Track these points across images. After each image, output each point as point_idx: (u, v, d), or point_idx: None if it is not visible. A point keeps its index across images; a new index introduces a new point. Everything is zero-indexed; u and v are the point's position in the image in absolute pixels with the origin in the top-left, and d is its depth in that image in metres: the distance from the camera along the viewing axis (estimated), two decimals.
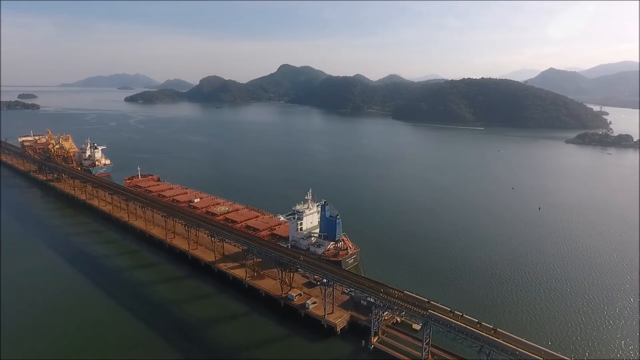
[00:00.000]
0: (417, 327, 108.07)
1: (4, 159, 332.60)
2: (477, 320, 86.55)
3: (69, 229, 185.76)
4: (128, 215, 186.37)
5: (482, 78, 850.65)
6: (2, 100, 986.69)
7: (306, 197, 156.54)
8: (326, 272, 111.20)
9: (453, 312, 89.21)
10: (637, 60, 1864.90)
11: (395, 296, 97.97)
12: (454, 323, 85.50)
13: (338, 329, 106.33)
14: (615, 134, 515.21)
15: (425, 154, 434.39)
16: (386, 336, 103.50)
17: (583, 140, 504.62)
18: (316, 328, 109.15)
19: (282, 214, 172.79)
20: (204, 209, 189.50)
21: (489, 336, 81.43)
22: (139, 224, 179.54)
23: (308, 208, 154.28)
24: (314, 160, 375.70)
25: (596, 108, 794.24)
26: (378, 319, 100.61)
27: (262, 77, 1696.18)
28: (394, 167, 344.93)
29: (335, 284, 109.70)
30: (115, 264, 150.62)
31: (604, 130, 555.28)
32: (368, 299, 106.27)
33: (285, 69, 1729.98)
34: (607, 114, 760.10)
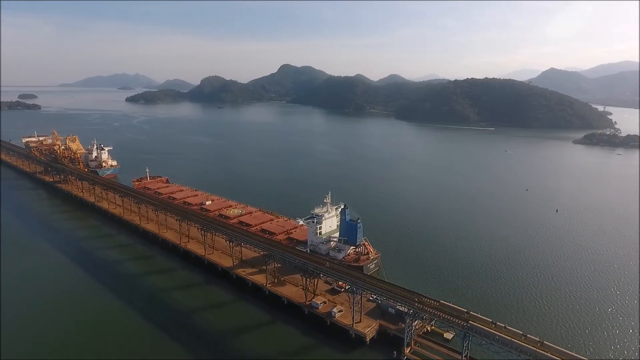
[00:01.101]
0: (448, 336, 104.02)
1: (8, 160, 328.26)
2: (521, 333, 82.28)
3: (77, 232, 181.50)
4: (139, 218, 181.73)
5: (486, 78, 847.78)
6: (2, 100, 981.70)
7: (325, 200, 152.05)
8: (355, 279, 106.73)
9: (495, 324, 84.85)
10: (637, 60, 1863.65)
11: (432, 306, 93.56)
12: (498, 335, 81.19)
13: (367, 339, 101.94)
14: (623, 134, 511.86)
15: (435, 155, 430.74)
16: (419, 346, 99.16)
17: (591, 141, 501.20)
18: (343, 338, 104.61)
19: (300, 217, 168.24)
20: (216, 212, 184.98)
21: (537, 349, 77.14)
22: (151, 227, 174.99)
23: (327, 211, 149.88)
24: (323, 161, 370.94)
25: (600, 108, 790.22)
26: (411, 328, 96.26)
27: (263, 77, 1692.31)
28: (407, 168, 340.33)
29: (363, 292, 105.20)
30: (126, 268, 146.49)
31: (612, 130, 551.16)
32: (399, 307, 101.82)
33: (286, 69, 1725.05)
34: (611, 114, 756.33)
